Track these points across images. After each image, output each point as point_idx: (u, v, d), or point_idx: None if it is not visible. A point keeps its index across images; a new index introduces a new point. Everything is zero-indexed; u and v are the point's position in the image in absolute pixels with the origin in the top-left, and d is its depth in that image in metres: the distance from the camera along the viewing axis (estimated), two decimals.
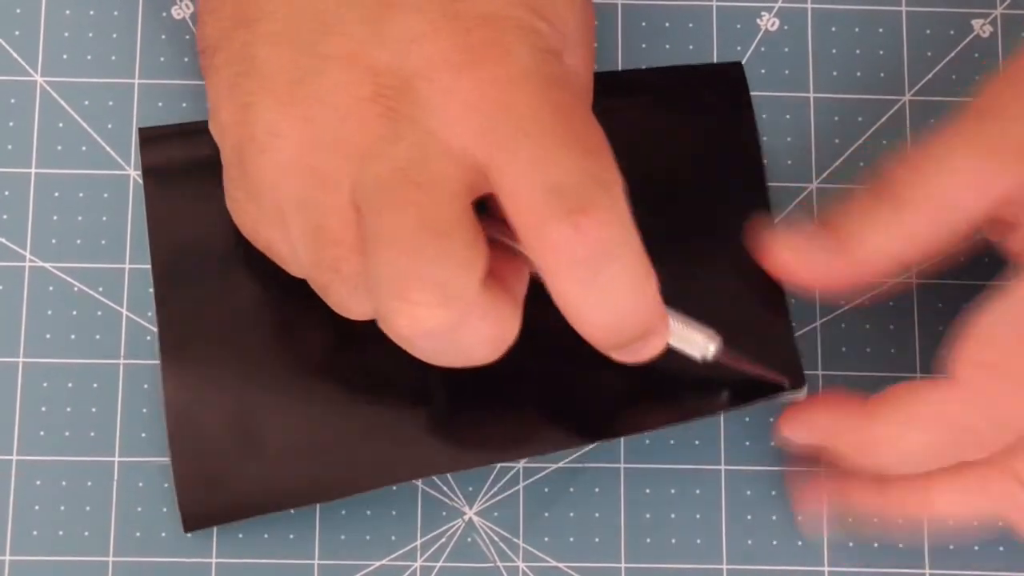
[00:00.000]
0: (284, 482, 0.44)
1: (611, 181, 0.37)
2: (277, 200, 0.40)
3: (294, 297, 0.42)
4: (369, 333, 0.40)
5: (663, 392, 0.44)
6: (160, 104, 0.48)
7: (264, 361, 0.45)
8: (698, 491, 0.46)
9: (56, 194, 0.48)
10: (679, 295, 0.41)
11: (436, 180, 0.37)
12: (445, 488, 0.46)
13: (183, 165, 0.46)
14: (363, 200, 0.38)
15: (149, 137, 0.47)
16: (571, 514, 0.46)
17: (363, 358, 0.45)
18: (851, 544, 0.46)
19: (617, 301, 0.38)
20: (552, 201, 0.36)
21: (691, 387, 0.44)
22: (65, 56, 0.48)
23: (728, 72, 0.48)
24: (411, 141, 0.37)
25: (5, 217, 0.47)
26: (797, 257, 0.43)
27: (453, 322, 0.38)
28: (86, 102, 0.48)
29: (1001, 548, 0.46)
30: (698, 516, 0.46)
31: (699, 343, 0.42)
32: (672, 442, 0.47)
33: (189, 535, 0.45)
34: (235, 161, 0.41)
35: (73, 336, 0.47)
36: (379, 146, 0.38)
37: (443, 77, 0.37)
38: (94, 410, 0.46)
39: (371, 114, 0.38)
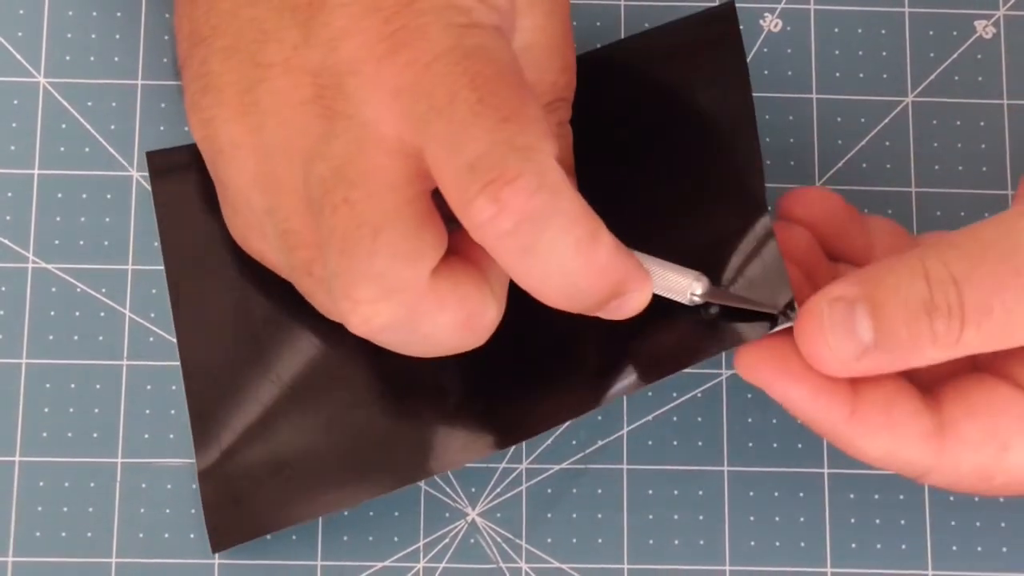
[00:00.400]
0: (309, 493, 0.44)
1: (531, 146, 0.36)
2: (252, 210, 0.41)
3: (307, 305, 0.42)
4: None
5: (659, 341, 0.43)
6: (163, 105, 0.48)
7: (285, 374, 0.45)
8: (701, 492, 0.46)
9: (59, 195, 0.48)
10: (672, 233, 0.41)
11: (370, 174, 0.37)
12: (448, 489, 0.46)
13: (192, 184, 0.46)
14: (311, 202, 0.38)
15: (156, 159, 0.47)
16: (574, 515, 0.46)
17: (380, 359, 0.44)
18: (853, 545, 0.46)
19: (562, 268, 0.37)
20: (469, 176, 0.36)
21: (686, 331, 0.42)
22: (68, 57, 0.48)
23: (719, 14, 0.46)
24: (346, 138, 0.37)
25: (8, 218, 0.47)
26: (830, 340, 0.39)
27: (403, 315, 0.38)
28: (89, 103, 0.48)
29: (1004, 549, 0.46)
30: (701, 517, 0.46)
31: (683, 288, 0.41)
32: (675, 443, 0.47)
33: (192, 536, 0.46)
34: (214, 177, 0.42)
35: (76, 337, 0.47)
36: (318, 146, 0.38)
37: (368, 69, 0.37)
38: (97, 411, 0.46)
39: (311, 115, 0.38)
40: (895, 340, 0.38)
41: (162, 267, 0.47)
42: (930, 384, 0.40)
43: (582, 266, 0.37)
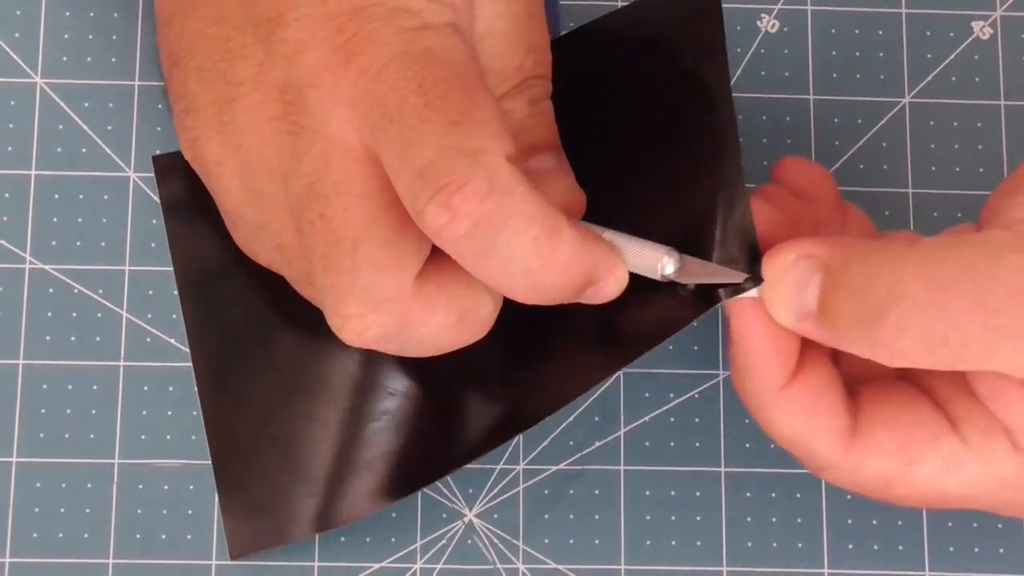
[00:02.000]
0: (330, 502, 0.45)
1: (480, 149, 0.36)
2: (248, 224, 0.41)
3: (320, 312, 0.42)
4: None
5: (639, 315, 0.42)
6: (160, 106, 0.48)
7: (301, 382, 0.45)
8: (698, 493, 0.46)
9: (56, 196, 0.48)
10: (649, 200, 0.41)
11: (341, 187, 0.37)
12: (445, 490, 0.46)
13: (198, 187, 0.46)
14: (293, 219, 0.38)
15: (164, 165, 0.47)
16: (571, 516, 0.46)
17: (394, 364, 0.45)
18: (850, 546, 0.46)
19: (523, 267, 0.37)
20: (419, 183, 0.36)
21: (664, 300, 0.41)
22: (65, 58, 0.48)
23: None
24: (313, 153, 0.37)
25: (5, 219, 0.47)
26: (779, 292, 0.39)
27: (394, 325, 0.38)
28: (86, 104, 0.48)
29: (1001, 550, 0.46)
30: (698, 518, 0.46)
31: (654, 265, 0.40)
32: (672, 444, 0.47)
33: (189, 536, 0.46)
34: (211, 193, 0.42)
35: (73, 338, 0.47)
36: (291, 163, 0.38)
37: (326, 80, 0.37)
38: (94, 412, 0.46)
39: (281, 132, 0.38)
40: (835, 324, 0.38)
41: (159, 268, 0.47)
42: (857, 379, 0.40)
43: (543, 264, 0.37)
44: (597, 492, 0.46)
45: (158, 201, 0.47)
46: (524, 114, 0.42)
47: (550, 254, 0.37)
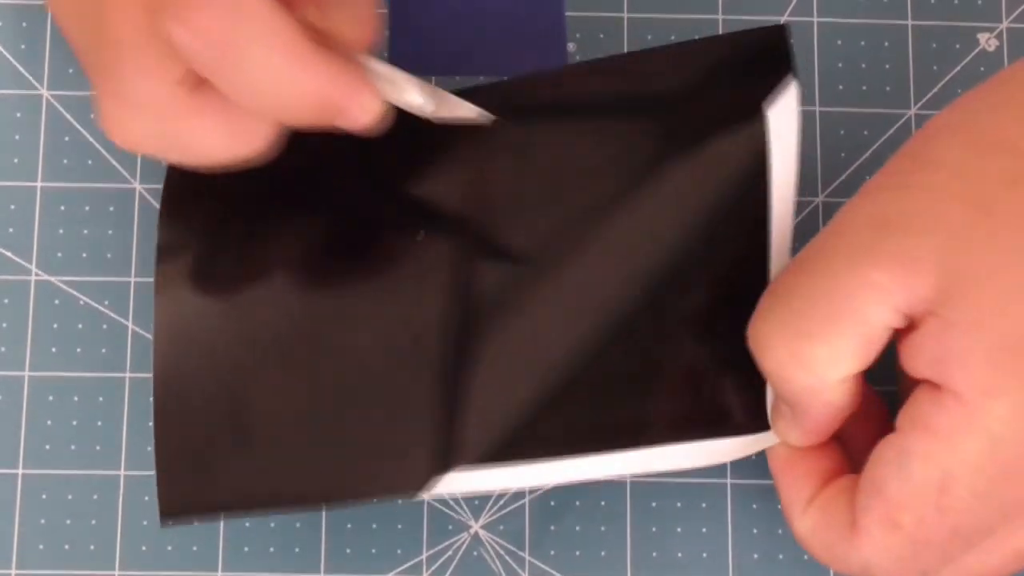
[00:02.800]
0: (273, 480, 0.42)
1: None
2: (72, 40, 0.41)
3: (293, 282, 0.43)
4: (368, 316, 0.42)
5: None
6: None
7: (260, 352, 0.44)
8: (704, 504, 0.47)
9: (62, 208, 0.48)
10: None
11: None
12: (451, 501, 0.46)
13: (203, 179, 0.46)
14: (91, 27, 0.39)
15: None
16: (577, 527, 0.46)
17: (366, 352, 0.44)
18: None
19: (263, 88, 0.37)
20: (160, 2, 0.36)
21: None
22: (71, 70, 0.49)
23: (766, 38, 0.43)
24: None
25: (11, 231, 0.47)
26: (776, 425, 0.42)
27: (157, 128, 0.38)
28: (92, 115, 0.48)
29: None
30: (704, 530, 0.46)
31: (407, 97, 0.40)
32: None
33: (195, 548, 0.46)
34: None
35: (79, 350, 0.47)
36: None
37: None
38: (100, 424, 0.46)
39: None
40: (789, 399, 0.40)
41: None
42: None
43: (285, 88, 0.37)
44: (603, 503, 0.46)
45: None
46: None
47: (292, 80, 0.37)
